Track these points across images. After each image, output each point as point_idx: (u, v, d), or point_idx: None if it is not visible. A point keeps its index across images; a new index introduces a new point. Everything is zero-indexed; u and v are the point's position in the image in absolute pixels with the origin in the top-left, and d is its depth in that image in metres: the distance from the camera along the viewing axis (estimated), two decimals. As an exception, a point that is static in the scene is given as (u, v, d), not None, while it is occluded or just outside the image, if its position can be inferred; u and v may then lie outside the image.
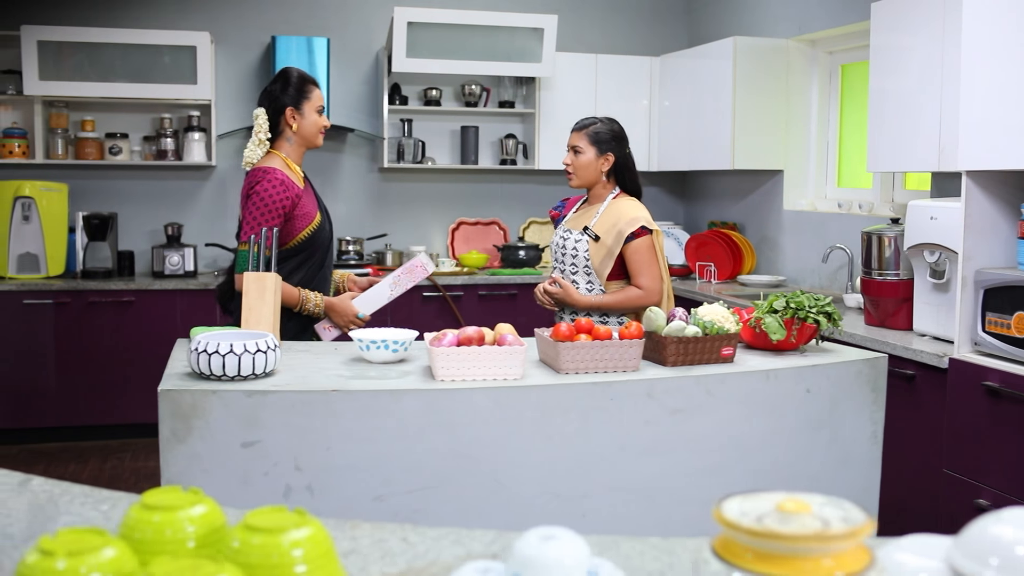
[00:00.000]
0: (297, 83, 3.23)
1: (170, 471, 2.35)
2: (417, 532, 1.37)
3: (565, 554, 1.06)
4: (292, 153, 3.26)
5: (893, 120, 4.05)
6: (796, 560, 1.00)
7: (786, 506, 1.04)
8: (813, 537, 1.00)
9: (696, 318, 2.70)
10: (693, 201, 6.78)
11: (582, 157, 3.38)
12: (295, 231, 3.16)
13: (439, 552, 1.31)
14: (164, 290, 5.49)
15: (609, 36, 6.58)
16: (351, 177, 6.32)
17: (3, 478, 1.62)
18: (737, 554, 1.03)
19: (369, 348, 2.64)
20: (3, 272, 5.45)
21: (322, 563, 1.19)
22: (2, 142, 5.57)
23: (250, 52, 6.04)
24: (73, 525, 1.42)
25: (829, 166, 5.48)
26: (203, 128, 5.84)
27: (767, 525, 1.01)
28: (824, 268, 5.16)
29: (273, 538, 1.17)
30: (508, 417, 2.43)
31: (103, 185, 5.92)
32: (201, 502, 1.29)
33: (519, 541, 1.08)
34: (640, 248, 3.29)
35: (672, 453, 2.56)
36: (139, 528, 1.24)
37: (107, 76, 5.45)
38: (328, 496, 2.37)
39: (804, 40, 5.46)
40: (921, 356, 3.50)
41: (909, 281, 3.86)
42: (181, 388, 2.35)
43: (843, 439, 2.76)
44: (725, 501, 1.07)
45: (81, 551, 1.11)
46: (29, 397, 5.38)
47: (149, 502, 1.27)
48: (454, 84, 6.35)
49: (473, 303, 5.88)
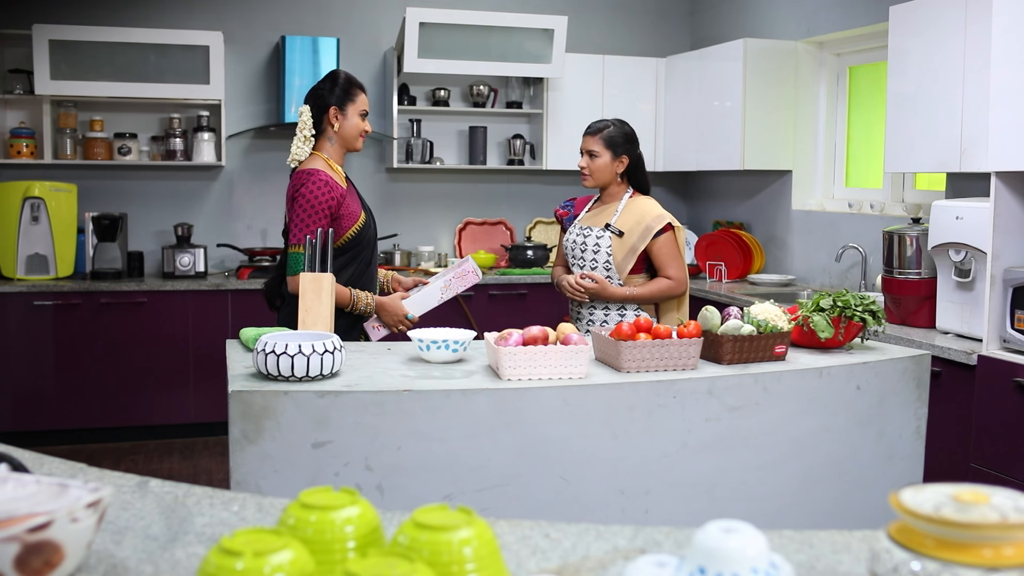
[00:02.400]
0: (344, 84, 3.27)
1: (240, 472, 2.35)
2: (556, 528, 1.40)
3: (747, 545, 1.10)
4: (333, 154, 3.29)
5: (911, 121, 4.12)
6: (978, 547, 1.05)
7: (963, 496, 1.08)
8: (995, 526, 1.04)
9: (750, 317, 2.75)
10: (698, 201, 6.84)
11: (598, 161, 3.47)
12: (341, 231, 3.18)
13: (586, 547, 1.34)
14: (175, 291, 5.47)
15: (615, 37, 6.62)
16: (360, 177, 6.31)
17: (118, 480, 1.63)
18: (918, 542, 1.07)
19: (429, 348, 2.66)
20: (12, 273, 5.40)
21: (489, 561, 1.22)
22: (10, 142, 5.53)
23: (259, 52, 6.03)
24: (209, 526, 1.43)
25: (837, 167, 5.56)
26: (212, 128, 5.82)
27: (945, 514, 1.05)
28: (835, 267, 5.23)
29: (443, 535, 1.19)
30: (576, 415, 2.46)
31: (112, 185, 5.89)
32: (356, 503, 1.31)
33: (700, 533, 1.11)
34: (666, 243, 3.40)
35: (731, 449, 2.60)
36: (300, 528, 1.26)
37: (118, 76, 5.42)
38: (397, 495, 2.39)
39: (812, 42, 5.54)
40: (949, 353, 3.57)
41: (931, 280, 3.93)
42: (252, 389, 2.35)
43: (889, 435, 2.82)
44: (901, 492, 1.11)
45: (263, 551, 1.13)
46: (39, 399, 5.34)
47: (308, 502, 1.29)
48: (462, 85, 6.37)
49: (483, 303, 5.91)
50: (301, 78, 5.78)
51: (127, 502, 1.52)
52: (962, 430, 3.55)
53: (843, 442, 2.74)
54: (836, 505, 2.75)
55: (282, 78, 5.78)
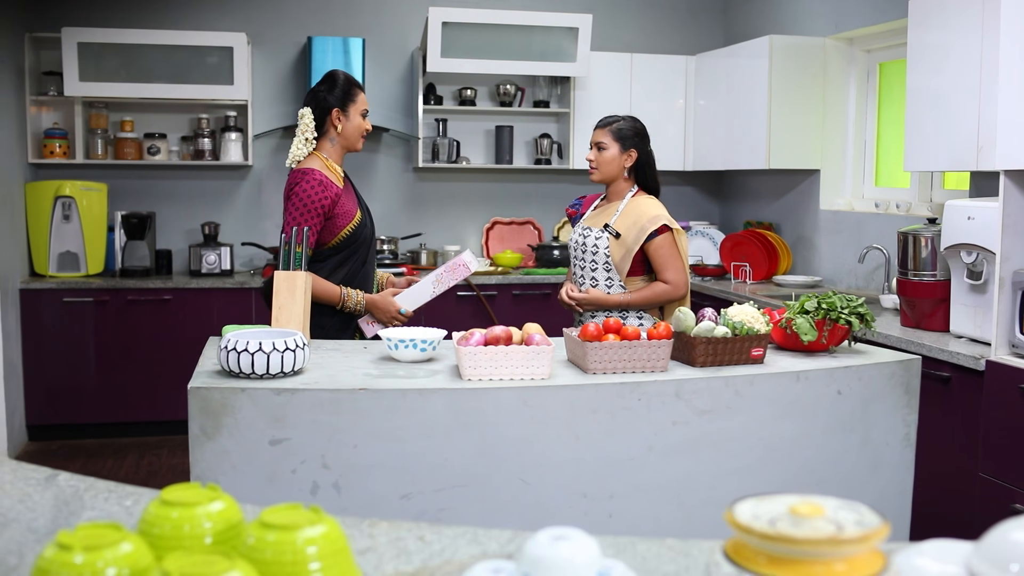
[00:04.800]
0: (344, 86, 3.27)
1: (199, 467, 2.37)
2: (434, 531, 1.37)
3: (576, 554, 1.06)
4: (332, 154, 3.29)
5: (931, 118, 3.99)
6: (808, 564, 0.99)
7: (799, 509, 1.03)
8: (826, 541, 0.98)
9: (726, 319, 2.68)
10: (729, 201, 6.73)
11: (606, 153, 3.41)
12: (336, 229, 3.18)
13: (455, 551, 1.31)
14: (201, 289, 5.55)
15: (645, 35, 6.55)
16: (386, 177, 6.35)
17: (31, 473, 1.65)
18: (749, 558, 1.02)
19: (397, 347, 2.65)
20: (44, 270, 5.54)
21: (336, 560, 1.20)
22: (44, 142, 5.66)
23: (286, 53, 6.09)
24: (96, 520, 1.44)
25: (867, 165, 5.42)
26: (240, 128, 5.90)
27: (780, 528, 1.00)
28: (861, 269, 5.10)
29: (288, 535, 1.17)
30: (535, 417, 2.43)
31: (141, 185, 6.00)
32: (219, 498, 1.30)
33: (530, 541, 1.07)
34: (663, 244, 3.32)
35: (701, 454, 2.54)
36: (158, 524, 1.26)
37: (145, 77, 5.52)
38: (355, 494, 2.38)
39: (841, 38, 5.40)
40: (957, 358, 3.45)
41: (946, 282, 3.80)
42: (210, 386, 2.37)
43: (875, 442, 2.73)
44: (738, 503, 1.06)
45: (98, 546, 1.13)
46: (69, 393, 5.47)
47: (168, 498, 1.28)
48: (489, 84, 6.35)
49: (507, 302, 5.89)
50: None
51: (26, 495, 1.54)
52: (971, 438, 3.42)
53: (823, 448, 2.66)
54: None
55: (309, 78, 5.82)
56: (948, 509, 3.51)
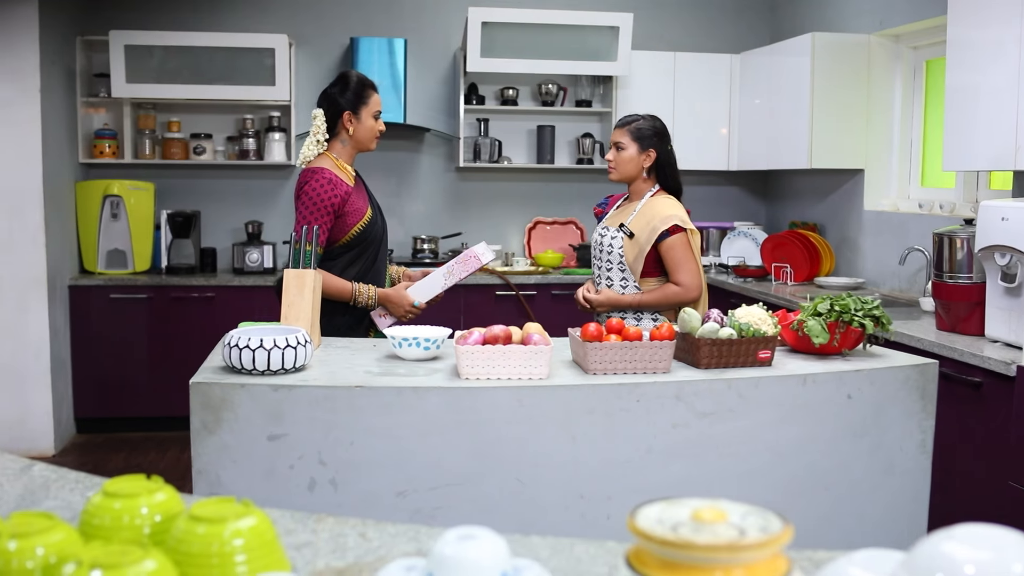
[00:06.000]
0: (356, 87, 3.28)
1: (200, 461, 2.41)
2: (378, 528, 1.38)
3: (482, 555, 1.05)
4: (343, 154, 3.31)
5: (970, 116, 3.88)
6: (705, 570, 0.97)
7: (702, 515, 1.01)
8: (724, 547, 0.96)
9: (732, 320, 2.64)
10: (775, 201, 6.63)
11: (624, 153, 3.39)
12: (347, 227, 3.21)
13: (391, 549, 1.31)
14: (243, 286, 5.64)
15: (689, 34, 6.48)
16: (428, 176, 6.39)
17: (9, 463, 1.69)
18: (647, 563, 1.00)
19: (401, 345, 2.66)
20: (93, 268, 5.69)
21: (263, 552, 1.21)
22: (94, 143, 5.81)
23: (330, 54, 6.16)
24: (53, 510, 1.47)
25: (912, 165, 5.28)
26: (283, 128, 5.98)
27: (680, 534, 0.98)
28: (903, 271, 4.98)
29: (215, 528, 1.19)
30: (531, 417, 2.42)
31: (187, 184, 6.12)
32: (161, 491, 1.33)
33: (438, 540, 1.07)
34: (675, 245, 3.28)
35: (702, 457, 2.50)
36: (98, 514, 1.28)
37: (189, 78, 5.63)
38: (351, 490, 2.40)
39: (887, 35, 5.28)
40: (989, 363, 3.34)
41: (981, 285, 3.69)
42: (211, 381, 2.41)
43: (888, 447, 2.66)
44: (644, 507, 1.04)
45: (28, 534, 1.16)
46: (116, 387, 5.60)
47: (110, 489, 1.31)
48: (531, 83, 6.35)
49: (546, 302, 5.88)
50: (383, 78, 5.86)
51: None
52: (1001, 445, 3.31)
53: (830, 453, 2.60)
54: (825, 518, 2.61)
55: (352, 79, 5.87)
56: (976, 517, 3.40)
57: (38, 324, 5.20)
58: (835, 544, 2.07)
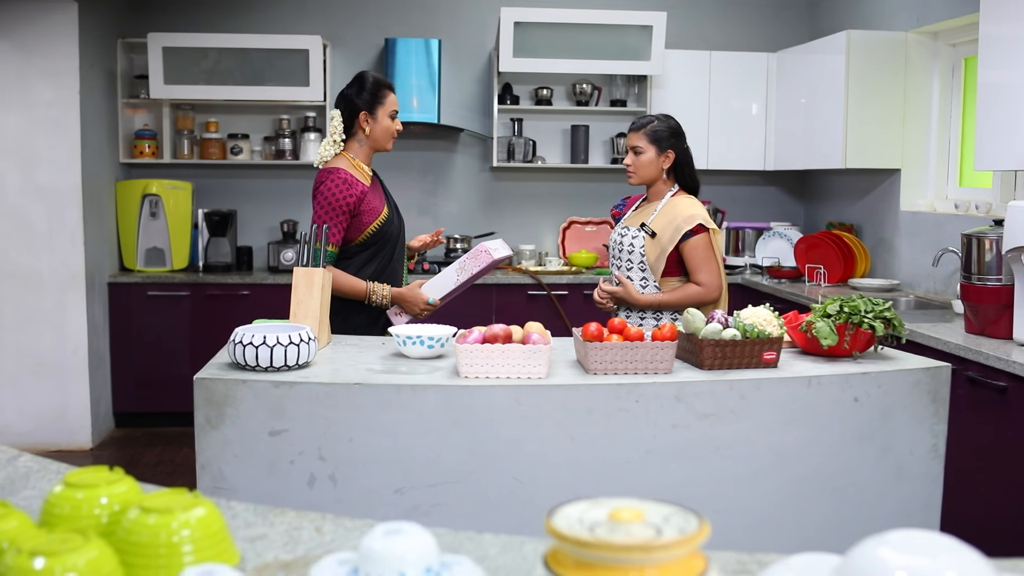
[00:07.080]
0: (372, 87, 3.30)
1: (204, 456, 2.45)
2: (336, 523, 1.39)
3: (408, 550, 1.06)
4: (360, 154, 3.34)
5: (1002, 115, 3.79)
6: (619, 570, 0.97)
7: (619, 514, 1.00)
8: (637, 547, 0.96)
9: (736, 321, 2.62)
10: (812, 201, 6.54)
11: (643, 157, 3.36)
12: (363, 226, 3.24)
13: (343, 543, 1.32)
14: (277, 284, 5.71)
15: (724, 32, 6.42)
16: (462, 176, 6.41)
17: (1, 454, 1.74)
18: (563, 563, 1.00)
19: (405, 344, 2.68)
20: (132, 265, 5.80)
21: (211, 543, 1.23)
22: (134, 143, 5.93)
23: (365, 54, 6.21)
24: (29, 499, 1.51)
25: (950, 165, 5.18)
26: (318, 129, 6.05)
27: (595, 534, 0.98)
28: (938, 272, 4.88)
29: (163, 519, 1.22)
30: (528, 415, 2.42)
31: (224, 183, 6.22)
32: (122, 481, 1.36)
33: (367, 535, 1.08)
34: (698, 245, 3.25)
35: (703, 459, 2.48)
36: (59, 504, 1.32)
37: (225, 79, 5.71)
38: (350, 487, 2.42)
39: (925, 32, 5.18)
40: (1014, 367, 3.26)
41: (1010, 287, 3.60)
42: (215, 377, 2.45)
43: (897, 452, 2.61)
44: (564, 507, 1.04)
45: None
46: (153, 383, 5.71)
47: (71, 480, 1.34)
48: (565, 83, 6.34)
49: (578, 302, 5.87)
50: (418, 78, 5.90)
51: (-17, 475, 1.62)
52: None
53: (837, 456, 2.56)
54: (830, 521, 2.57)
55: (391, 79, 5.92)
56: (999, 525, 3.33)
57: (77, 320, 5.32)
58: (842, 548, 2.04)
